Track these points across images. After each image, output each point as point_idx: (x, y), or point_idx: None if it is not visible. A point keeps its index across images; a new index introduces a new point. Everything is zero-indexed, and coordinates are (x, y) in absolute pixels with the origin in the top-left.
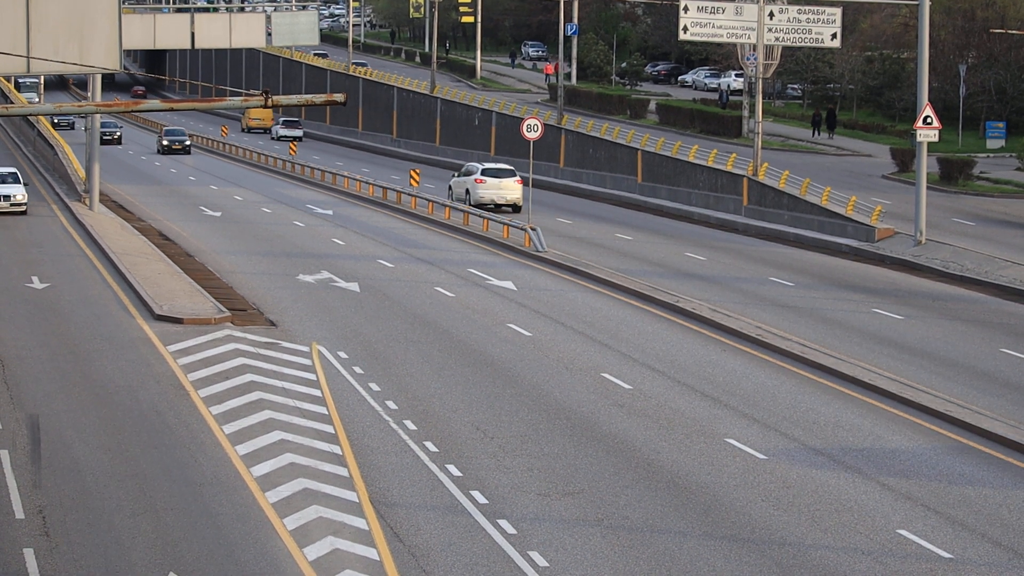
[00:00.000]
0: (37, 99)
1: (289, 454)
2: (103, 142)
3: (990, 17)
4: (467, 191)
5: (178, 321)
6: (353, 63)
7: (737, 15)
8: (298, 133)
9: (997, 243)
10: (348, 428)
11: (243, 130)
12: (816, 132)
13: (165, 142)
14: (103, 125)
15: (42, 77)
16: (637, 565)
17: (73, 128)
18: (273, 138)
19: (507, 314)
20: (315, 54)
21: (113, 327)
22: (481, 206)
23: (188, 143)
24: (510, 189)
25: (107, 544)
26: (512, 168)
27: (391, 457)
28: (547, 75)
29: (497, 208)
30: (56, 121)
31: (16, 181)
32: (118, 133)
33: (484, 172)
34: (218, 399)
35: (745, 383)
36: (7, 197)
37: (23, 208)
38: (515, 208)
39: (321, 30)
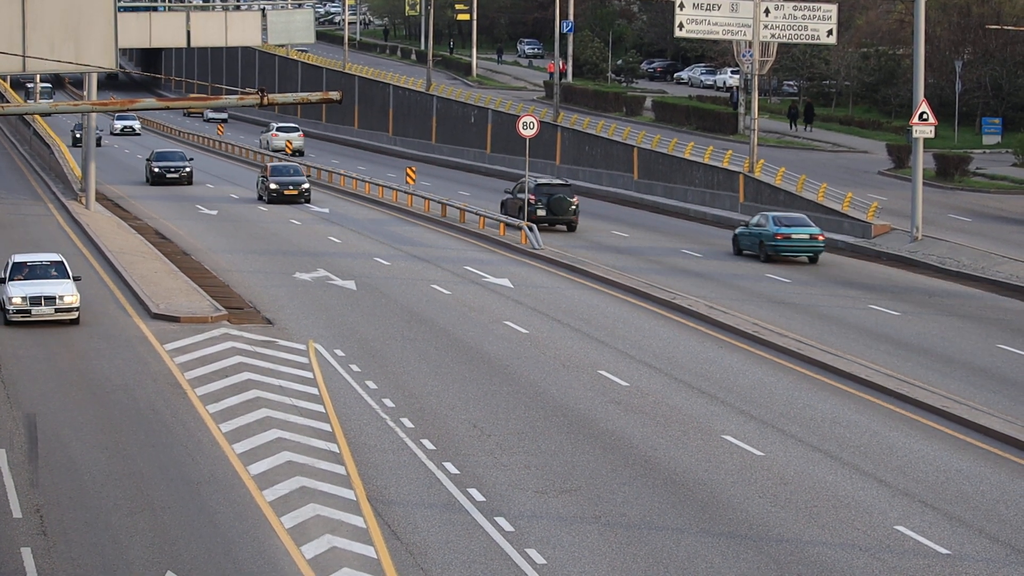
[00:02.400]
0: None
1: (286, 452)
2: (167, 181)
3: (986, 13)
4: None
5: (175, 320)
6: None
7: (733, 12)
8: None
9: (993, 239)
10: (345, 426)
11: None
12: (793, 125)
13: (156, 169)
14: (164, 158)
15: (37, 78)
16: (635, 562)
17: (100, 145)
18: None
19: (504, 311)
20: (299, 50)
21: (110, 326)
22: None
23: (188, 170)
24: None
25: (104, 543)
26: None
27: (388, 455)
28: (550, 73)
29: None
30: (79, 136)
31: (63, 275)
32: (188, 169)
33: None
34: (215, 397)
35: (742, 380)
36: (50, 299)
37: (74, 314)
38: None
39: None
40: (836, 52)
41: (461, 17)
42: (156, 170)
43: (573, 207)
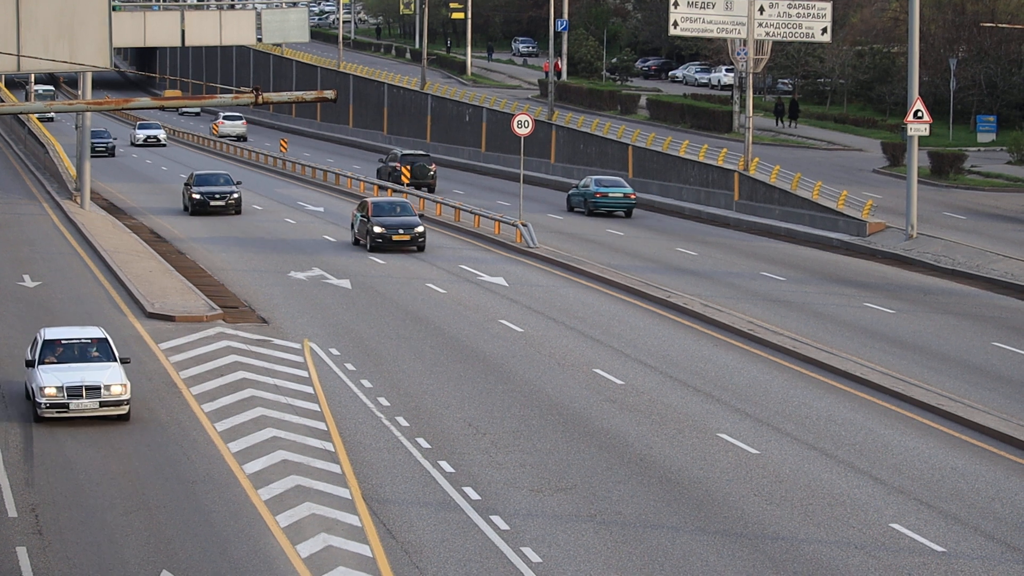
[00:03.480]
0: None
1: (282, 451)
2: (212, 210)
3: (980, 11)
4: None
5: (170, 319)
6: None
7: (727, 10)
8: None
9: (988, 237)
10: (340, 425)
11: (179, 113)
12: (779, 122)
13: (197, 196)
14: (206, 181)
15: (32, 77)
16: (630, 560)
17: (113, 155)
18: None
19: (499, 310)
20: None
21: (105, 325)
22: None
23: (236, 195)
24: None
25: (100, 542)
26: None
27: (384, 454)
28: (547, 72)
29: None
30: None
31: (106, 355)
32: (236, 195)
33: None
34: (210, 396)
35: (737, 378)
36: (94, 389)
37: (124, 408)
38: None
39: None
40: (831, 50)
41: (455, 16)
42: (197, 197)
43: (431, 172)
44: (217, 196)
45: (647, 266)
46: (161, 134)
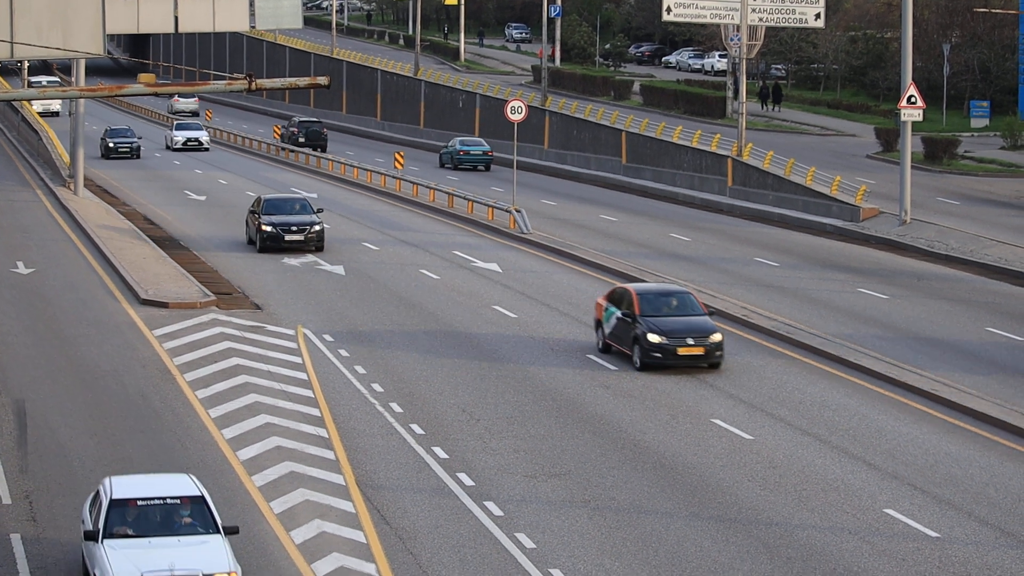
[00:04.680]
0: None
1: (275, 437)
2: (287, 246)
3: None
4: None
5: (163, 305)
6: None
7: None
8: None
9: (982, 222)
10: (334, 411)
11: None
12: (764, 106)
13: (269, 228)
14: (276, 208)
15: (24, 63)
16: (624, 546)
17: (139, 157)
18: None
19: (492, 296)
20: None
21: (99, 312)
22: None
23: (318, 228)
24: None
25: None
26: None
27: (377, 440)
28: (541, 58)
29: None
30: (114, 145)
31: (203, 523)
32: (317, 227)
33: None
34: (204, 383)
35: (730, 363)
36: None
37: None
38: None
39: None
40: (824, 36)
41: (449, 1)
42: (269, 230)
43: (324, 135)
44: (293, 228)
45: (641, 252)
46: (204, 136)
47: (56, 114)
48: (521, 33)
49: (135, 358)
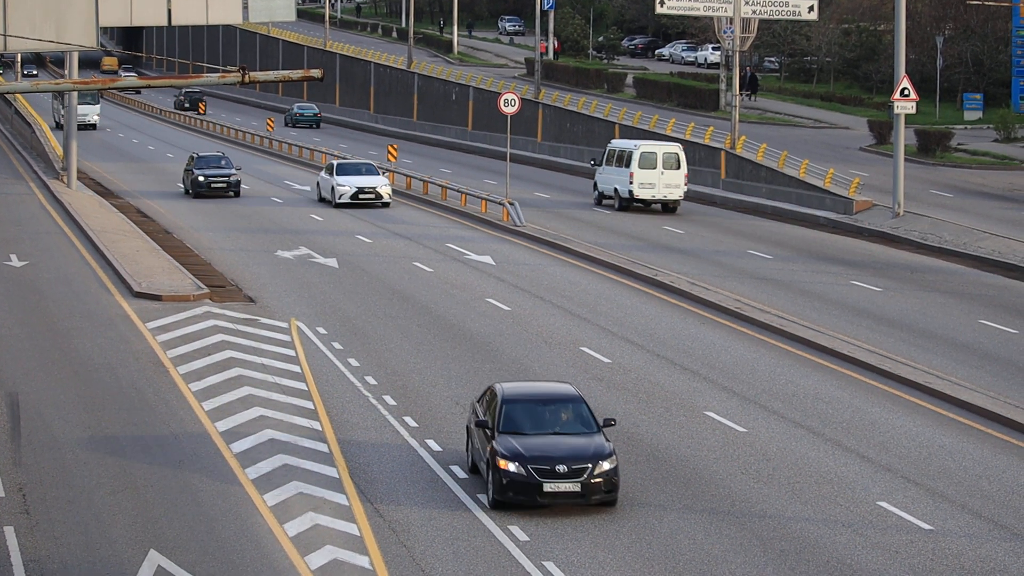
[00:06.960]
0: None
1: (269, 430)
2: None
3: None
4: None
5: (157, 298)
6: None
7: None
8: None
9: (975, 215)
10: (328, 404)
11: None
12: (742, 95)
13: (200, 177)
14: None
15: (18, 57)
16: (617, 538)
17: (238, 195)
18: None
19: (486, 289)
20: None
21: (92, 305)
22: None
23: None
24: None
25: (87, 521)
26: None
27: (371, 432)
28: (543, 52)
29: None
30: (205, 180)
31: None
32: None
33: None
34: (197, 376)
35: (724, 356)
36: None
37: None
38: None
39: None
40: (817, 28)
41: None
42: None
43: (203, 99)
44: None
45: (634, 244)
46: (385, 187)
47: (94, 127)
48: (514, 26)
49: (128, 351)
